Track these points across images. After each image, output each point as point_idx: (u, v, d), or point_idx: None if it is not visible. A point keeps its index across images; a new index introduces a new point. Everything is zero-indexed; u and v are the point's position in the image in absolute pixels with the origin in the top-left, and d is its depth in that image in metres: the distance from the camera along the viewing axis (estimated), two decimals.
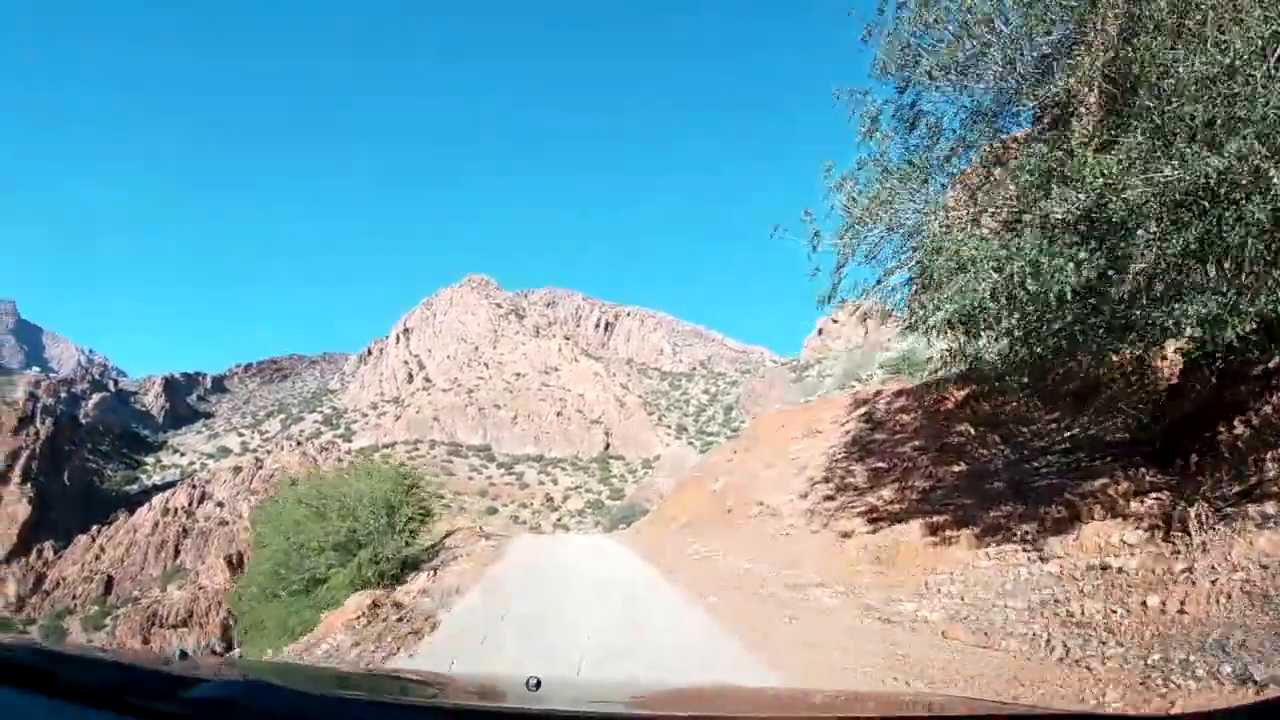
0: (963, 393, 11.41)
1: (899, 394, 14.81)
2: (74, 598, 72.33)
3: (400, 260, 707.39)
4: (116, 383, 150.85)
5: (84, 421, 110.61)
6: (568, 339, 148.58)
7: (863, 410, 14.93)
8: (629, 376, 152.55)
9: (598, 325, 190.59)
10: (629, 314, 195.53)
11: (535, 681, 1.82)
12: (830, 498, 11.44)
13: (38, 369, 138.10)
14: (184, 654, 2.19)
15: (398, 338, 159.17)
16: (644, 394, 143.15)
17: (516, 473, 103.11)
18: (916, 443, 11.13)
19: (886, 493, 10.07)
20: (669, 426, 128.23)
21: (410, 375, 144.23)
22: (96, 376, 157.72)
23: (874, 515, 9.48)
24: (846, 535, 9.59)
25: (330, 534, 14.14)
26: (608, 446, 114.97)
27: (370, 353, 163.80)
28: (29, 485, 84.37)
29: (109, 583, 72.79)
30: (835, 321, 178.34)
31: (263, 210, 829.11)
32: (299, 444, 64.67)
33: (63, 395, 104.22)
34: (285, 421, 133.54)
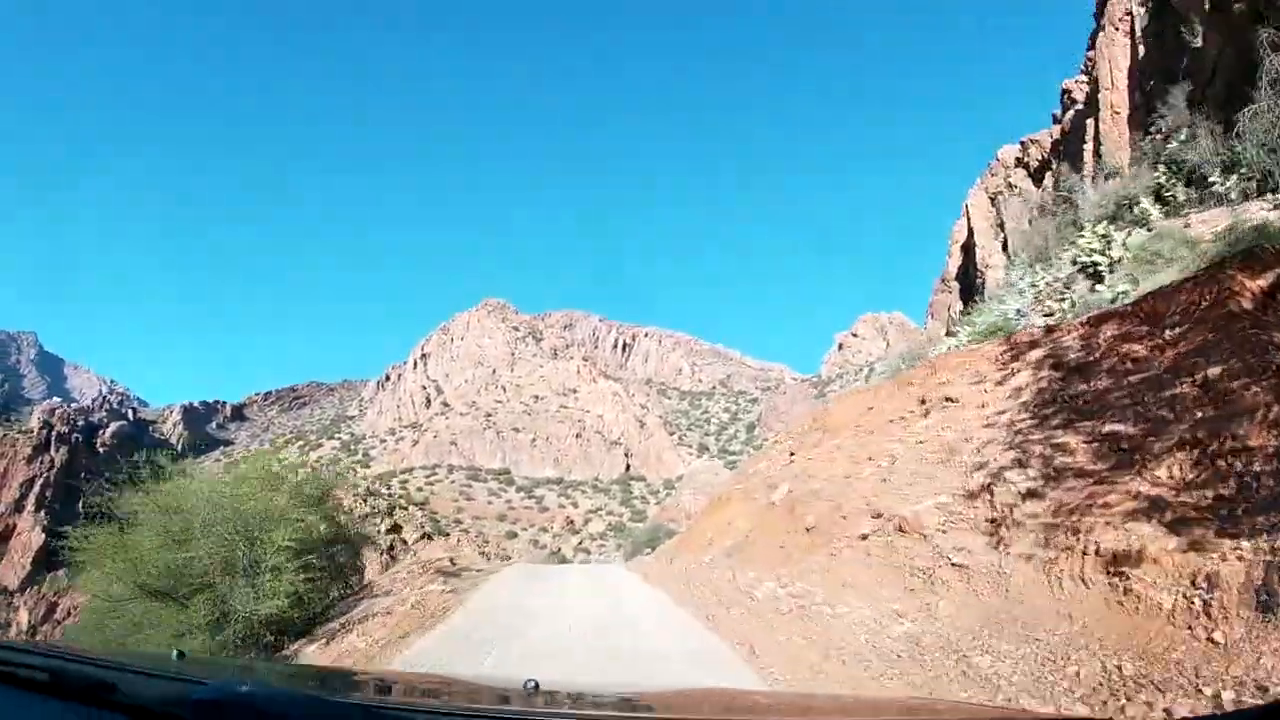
0: (1260, 282, 7.35)
1: (1102, 319, 10.03)
2: (85, 626, 70.10)
3: (417, 286, 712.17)
4: (135, 411, 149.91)
5: (100, 450, 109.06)
6: (586, 360, 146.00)
7: (1038, 354, 10.33)
8: (648, 397, 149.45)
9: (615, 346, 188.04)
10: (647, 334, 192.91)
11: (533, 684, 1.83)
12: (1033, 494, 7.22)
13: (58, 399, 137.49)
14: (181, 655, 2.28)
15: (415, 363, 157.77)
16: (664, 414, 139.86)
17: (536, 496, 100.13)
18: (1210, 372, 6.61)
19: (1169, 471, 5.94)
20: (690, 446, 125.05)
21: (428, 400, 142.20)
22: (115, 405, 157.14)
23: (1171, 515, 5.39)
24: (1126, 561, 5.33)
25: (142, 572, 9.40)
26: (628, 468, 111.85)
27: (388, 378, 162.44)
28: (43, 513, 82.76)
29: None
30: (855, 335, 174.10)
31: (280, 241, 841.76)
32: (313, 469, 62.41)
33: (80, 424, 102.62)
34: (303, 448, 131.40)
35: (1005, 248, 38.02)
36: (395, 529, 45.24)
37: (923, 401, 12.27)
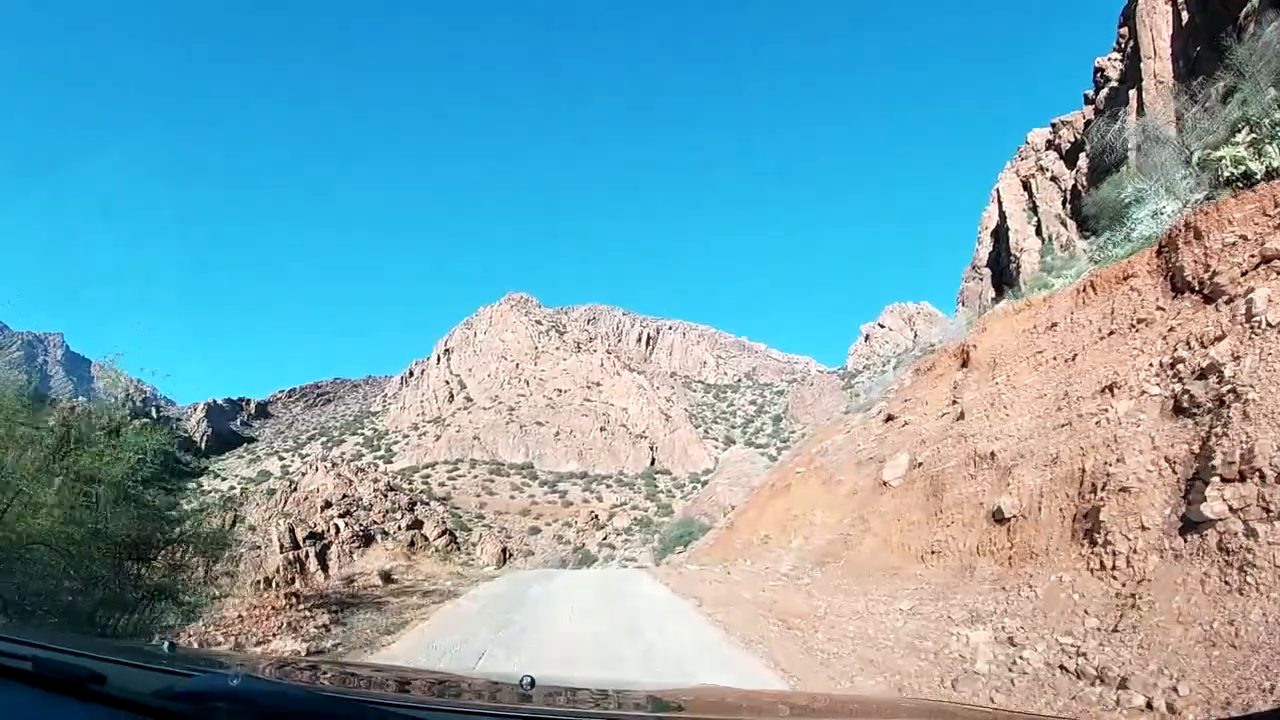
0: None
1: None
2: None
3: (440, 282, 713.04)
4: (159, 409, 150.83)
5: None
6: (609, 353, 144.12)
7: None
8: (673, 390, 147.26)
9: (639, 340, 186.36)
10: (671, 327, 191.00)
11: (529, 680, 1.79)
12: None
13: (83, 399, 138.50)
14: (173, 646, 2.21)
15: (439, 358, 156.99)
16: (689, 407, 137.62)
17: (560, 490, 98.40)
18: None
19: None
20: (716, 439, 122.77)
21: (451, 395, 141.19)
22: (138, 403, 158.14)
23: None
24: None
25: None
26: (653, 461, 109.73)
27: (411, 374, 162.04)
28: None
29: None
30: (882, 326, 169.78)
31: (304, 239, 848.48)
32: (334, 465, 60.87)
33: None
34: (327, 444, 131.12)
35: (1039, 231, 35.38)
36: (416, 525, 43.77)
37: (1182, 288, 8.67)
